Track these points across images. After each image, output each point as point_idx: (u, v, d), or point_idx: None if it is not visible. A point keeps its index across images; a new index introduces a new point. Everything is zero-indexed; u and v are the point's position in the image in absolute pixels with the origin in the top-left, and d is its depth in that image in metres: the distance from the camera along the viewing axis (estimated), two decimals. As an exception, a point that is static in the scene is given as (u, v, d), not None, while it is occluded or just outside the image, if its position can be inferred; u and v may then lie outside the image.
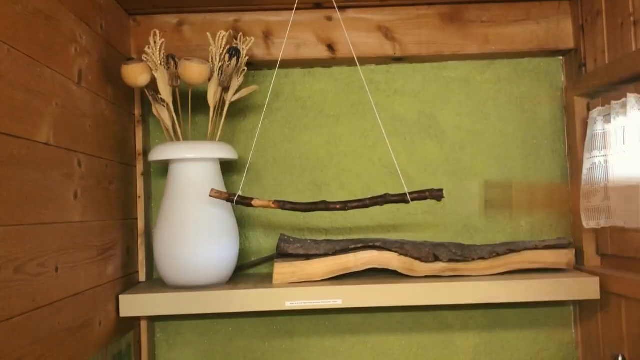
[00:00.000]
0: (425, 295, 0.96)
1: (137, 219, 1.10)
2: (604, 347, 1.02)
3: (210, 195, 0.92)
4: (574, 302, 1.13)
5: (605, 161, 0.98)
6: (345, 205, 0.87)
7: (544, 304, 1.13)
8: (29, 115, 0.69)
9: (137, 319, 1.07)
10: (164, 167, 1.09)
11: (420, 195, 0.85)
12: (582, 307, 1.10)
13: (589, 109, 1.07)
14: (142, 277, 1.10)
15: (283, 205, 0.89)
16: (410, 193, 0.85)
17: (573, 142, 1.11)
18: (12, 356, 0.63)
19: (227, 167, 1.13)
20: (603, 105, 1.01)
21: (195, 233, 0.98)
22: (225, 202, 1.00)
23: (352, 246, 1.02)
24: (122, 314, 0.95)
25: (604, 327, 1.02)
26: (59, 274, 0.75)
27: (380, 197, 0.86)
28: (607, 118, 0.98)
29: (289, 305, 0.97)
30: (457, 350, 1.13)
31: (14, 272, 0.64)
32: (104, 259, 0.92)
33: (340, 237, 1.14)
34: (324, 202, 0.88)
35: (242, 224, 1.15)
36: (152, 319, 1.12)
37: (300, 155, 1.16)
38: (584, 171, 1.02)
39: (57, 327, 0.74)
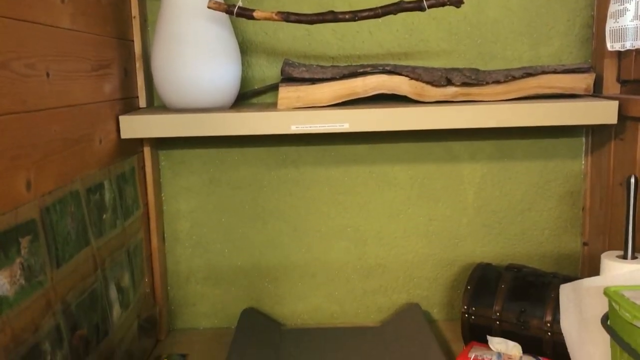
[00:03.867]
0: (434, 118, 0.93)
1: (133, 41, 1.04)
2: (614, 176, 1.01)
3: (208, 7, 0.85)
4: (586, 132, 1.10)
5: (640, -25, 0.90)
6: (355, 15, 0.80)
7: (555, 134, 1.11)
8: None
9: (140, 145, 1.06)
10: (159, -16, 1.01)
11: (438, 2, 0.78)
12: (595, 137, 1.08)
13: None
14: (142, 103, 1.06)
15: (287, 17, 0.82)
16: None
17: (605, -41, 1.01)
18: (7, 154, 0.61)
19: (227, -14, 1.04)
20: None
21: (195, 51, 0.92)
22: (225, 18, 0.94)
23: (361, 70, 0.97)
24: (123, 135, 0.93)
25: (615, 155, 1.00)
26: (51, 80, 0.71)
27: (394, 4, 0.79)
28: None
29: (294, 128, 0.94)
30: (463, 180, 1.13)
31: None
32: (99, 76, 0.88)
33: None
34: (331, 12, 0.82)
35: (244, 50, 1.09)
36: (155, 146, 1.11)
37: (306, -26, 1.07)
38: (615, -12, 0.94)
39: (54, 135, 0.72)
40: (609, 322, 0.78)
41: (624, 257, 0.85)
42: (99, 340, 0.80)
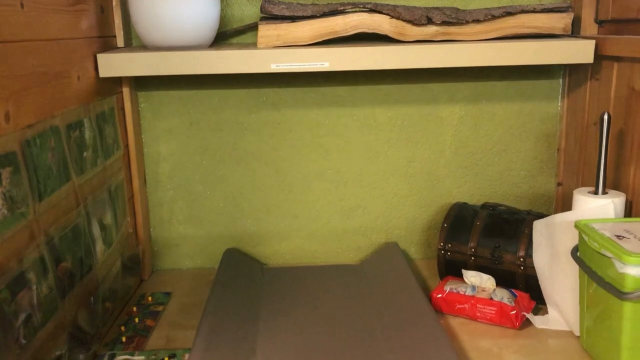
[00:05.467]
0: (414, 57, 0.93)
1: (109, -23, 1.01)
2: (588, 116, 1.03)
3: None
4: (563, 74, 1.12)
5: None
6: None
7: (532, 76, 1.12)
8: None
9: (119, 85, 1.05)
10: None
11: None
12: (571, 78, 1.09)
13: None
14: (119, 42, 1.05)
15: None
16: None
17: None
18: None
19: None
20: None
21: (173, -13, 0.91)
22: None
23: (341, 8, 0.96)
24: (102, 74, 0.92)
25: (591, 95, 1.02)
26: (26, 11, 0.70)
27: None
28: None
29: (274, 67, 0.94)
30: (442, 122, 1.14)
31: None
32: (75, 12, 0.86)
33: (328, 4, 1.08)
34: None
35: (224, -12, 1.07)
36: (135, 87, 1.10)
37: None
38: None
39: (30, 68, 0.71)
40: (578, 254, 0.82)
41: (595, 192, 0.88)
42: (83, 275, 0.81)
